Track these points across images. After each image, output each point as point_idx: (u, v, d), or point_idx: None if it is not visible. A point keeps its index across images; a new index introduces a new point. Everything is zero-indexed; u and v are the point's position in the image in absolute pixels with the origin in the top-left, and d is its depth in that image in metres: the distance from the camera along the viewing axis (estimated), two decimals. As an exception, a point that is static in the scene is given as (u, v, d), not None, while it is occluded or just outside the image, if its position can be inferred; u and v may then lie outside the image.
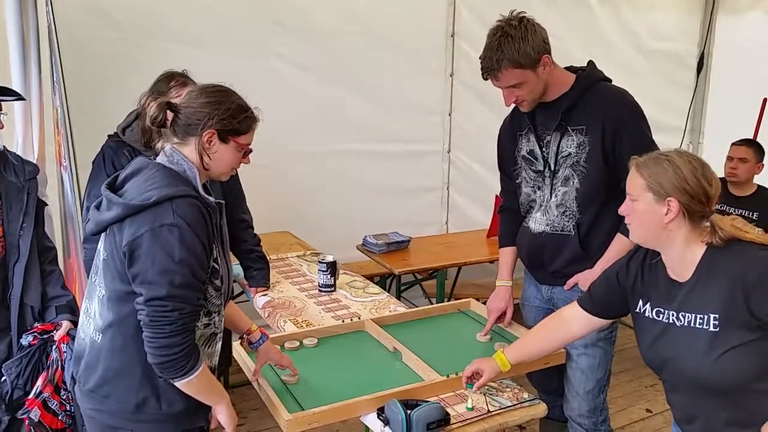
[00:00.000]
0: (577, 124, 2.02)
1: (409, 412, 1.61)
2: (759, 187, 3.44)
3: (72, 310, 2.25)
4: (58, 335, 2.11)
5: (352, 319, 2.31)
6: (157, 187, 1.46)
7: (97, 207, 1.56)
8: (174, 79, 2.30)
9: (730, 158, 3.39)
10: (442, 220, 4.44)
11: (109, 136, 2.42)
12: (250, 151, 1.61)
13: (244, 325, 1.87)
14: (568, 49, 4.53)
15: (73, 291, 2.64)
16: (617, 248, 2.05)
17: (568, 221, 2.10)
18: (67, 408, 2.08)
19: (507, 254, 2.33)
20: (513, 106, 2.14)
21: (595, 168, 2.01)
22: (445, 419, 1.64)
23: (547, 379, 2.36)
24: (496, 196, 3.80)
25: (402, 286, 3.70)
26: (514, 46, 1.88)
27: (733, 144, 3.45)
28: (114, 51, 3.16)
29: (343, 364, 2.02)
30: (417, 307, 2.69)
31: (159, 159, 1.56)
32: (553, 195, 2.10)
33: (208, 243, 1.50)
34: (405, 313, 2.41)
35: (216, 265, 1.55)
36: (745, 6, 5.08)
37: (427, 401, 1.69)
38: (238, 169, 1.68)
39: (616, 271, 1.72)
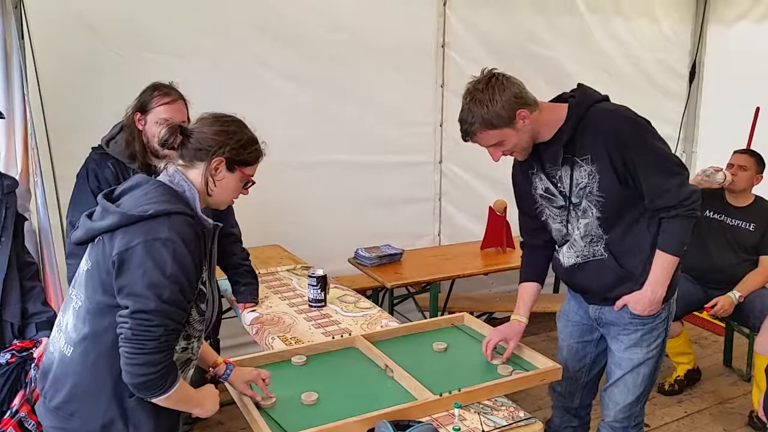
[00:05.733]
0: (582, 155, 1.94)
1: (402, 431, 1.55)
2: (757, 197, 3.41)
3: (53, 327, 2.18)
4: (37, 353, 2.05)
5: (342, 336, 2.24)
6: (155, 201, 1.45)
7: (89, 216, 1.54)
8: (157, 89, 2.27)
9: (730, 165, 3.37)
10: (434, 232, 4.38)
11: (93, 148, 2.37)
12: (253, 183, 1.63)
13: (210, 358, 1.82)
14: (557, 58, 4.51)
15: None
16: (661, 267, 1.96)
17: (597, 246, 2.02)
18: (45, 429, 2.01)
19: (526, 289, 2.22)
20: None
21: (611, 193, 1.93)
22: (437, 440, 1.58)
23: (570, 398, 2.30)
24: (490, 207, 3.77)
25: (395, 299, 3.63)
26: (482, 109, 1.83)
27: (735, 152, 3.43)
28: (96, 62, 3.08)
29: (332, 383, 1.94)
30: (410, 321, 2.62)
31: (160, 177, 1.55)
32: (577, 228, 2.03)
33: (200, 263, 1.48)
34: (396, 328, 2.34)
35: (204, 289, 1.53)
36: (734, 16, 5.06)
37: (419, 422, 1.63)
38: None
39: None
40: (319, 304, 2.60)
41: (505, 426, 1.73)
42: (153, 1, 3.20)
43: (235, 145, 1.55)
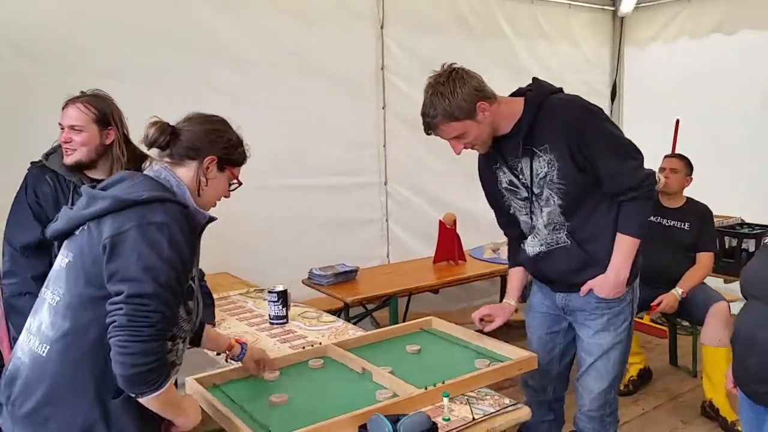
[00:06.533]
0: (540, 145, 1.98)
1: (395, 424, 1.50)
2: (688, 199, 3.57)
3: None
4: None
5: (313, 345, 2.17)
6: (147, 189, 1.41)
7: (71, 207, 1.49)
8: None
9: (662, 169, 3.52)
10: (383, 253, 4.38)
11: (32, 163, 2.27)
12: (239, 184, 1.62)
13: (224, 341, 1.87)
14: (487, 79, 4.66)
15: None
16: (623, 249, 2.01)
17: (560, 233, 2.06)
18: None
19: (514, 275, 2.28)
20: None
21: (571, 180, 1.97)
22: (432, 428, 1.53)
23: (543, 391, 2.29)
24: (440, 221, 3.80)
25: (351, 319, 3.56)
26: (444, 101, 1.87)
27: (665, 156, 3.60)
28: (31, 85, 2.96)
29: (310, 391, 1.87)
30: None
31: (146, 173, 1.52)
32: (540, 217, 2.06)
33: (192, 254, 1.43)
34: (366, 335, 2.30)
35: (192, 285, 1.46)
36: (647, 38, 5.42)
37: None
38: None
39: None
40: (281, 321, 2.52)
41: (493, 413, 1.71)
42: (89, 22, 3.12)
43: (226, 144, 1.56)
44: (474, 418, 1.66)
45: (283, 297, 2.52)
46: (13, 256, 2.19)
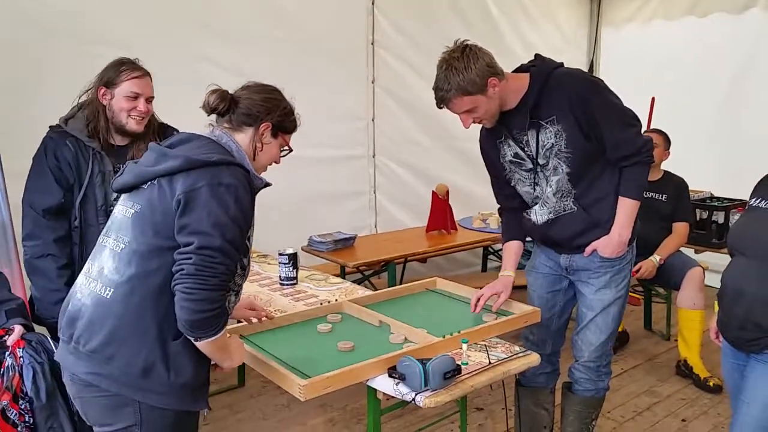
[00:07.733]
0: (547, 117, 2.10)
1: (423, 365, 1.64)
2: (666, 172, 3.78)
3: (23, 315, 2.09)
4: (10, 340, 1.96)
5: (330, 302, 2.29)
6: (215, 152, 1.51)
7: (135, 163, 1.59)
8: (124, 64, 2.25)
9: None
10: (371, 224, 4.50)
11: (50, 127, 2.30)
12: (290, 150, 1.73)
13: None
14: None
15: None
16: (625, 212, 2.16)
17: (567, 200, 2.19)
18: (26, 419, 1.92)
19: (511, 248, 2.37)
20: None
21: (577, 149, 2.10)
22: (457, 368, 1.68)
23: (543, 345, 2.42)
24: (433, 192, 3.93)
25: (347, 285, 3.70)
26: (458, 76, 1.97)
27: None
28: (39, 54, 2.99)
29: (333, 341, 1.99)
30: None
31: (207, 136, 1.60)
32: (548, 186, 2.19)
33: (252, 214, 1.54)
34: (377, 293, 2.43)
35: (248, 244, 1.57)
36: (623, 19, 5.61)
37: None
38: None
39: None
40: (291, 282, 2.63)
41: (506, 358, 1.86)
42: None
43: (281, 113, 1.66)
44: (490, 362, 1.81)
45: (293, 259, 2.63)
46: (35, 219, 2.23)
